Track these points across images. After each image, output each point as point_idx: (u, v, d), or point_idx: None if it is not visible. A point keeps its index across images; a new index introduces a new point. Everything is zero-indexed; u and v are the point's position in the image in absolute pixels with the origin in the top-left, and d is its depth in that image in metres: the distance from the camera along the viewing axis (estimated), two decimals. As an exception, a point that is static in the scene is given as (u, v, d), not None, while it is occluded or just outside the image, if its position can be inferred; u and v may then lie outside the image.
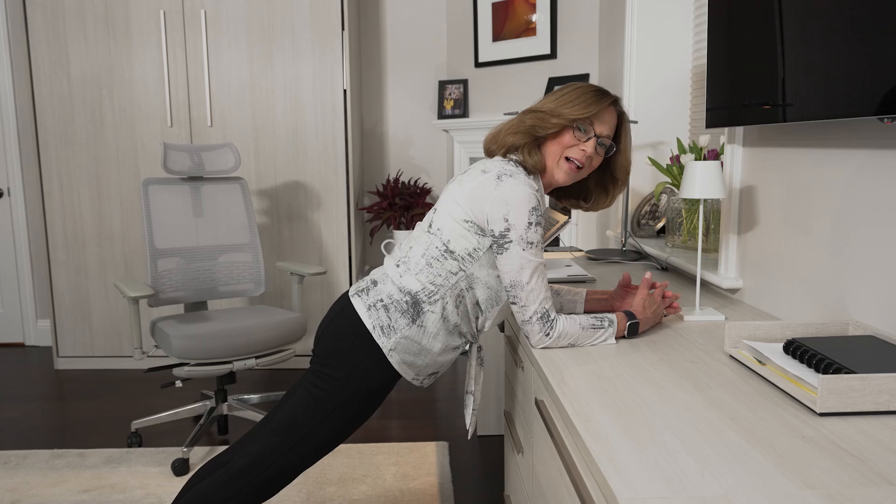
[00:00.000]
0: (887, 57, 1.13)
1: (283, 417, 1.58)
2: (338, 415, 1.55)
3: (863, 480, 0.86)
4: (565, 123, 1.48)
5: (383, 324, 1.51)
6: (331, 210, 3.76)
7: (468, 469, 2.64)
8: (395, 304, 1.51)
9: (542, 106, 1.51)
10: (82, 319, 3.80)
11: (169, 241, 2.91)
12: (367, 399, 1.56)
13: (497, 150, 1.55)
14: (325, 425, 1.55)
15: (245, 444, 1.62)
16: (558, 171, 1.51)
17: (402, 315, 1.50)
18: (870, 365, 1.13)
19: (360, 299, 1.54)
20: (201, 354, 2.60)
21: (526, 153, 1.50)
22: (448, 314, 1.51)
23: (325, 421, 1.55)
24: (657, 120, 2.88)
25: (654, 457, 0.93)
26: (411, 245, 1.55)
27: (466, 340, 1.59)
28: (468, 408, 1.67)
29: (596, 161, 1.54)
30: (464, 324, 1.54)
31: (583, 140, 1.50)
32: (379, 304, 1.52)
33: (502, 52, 3.79)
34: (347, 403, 1.54)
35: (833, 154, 1.44)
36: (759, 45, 1.52)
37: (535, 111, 1.51)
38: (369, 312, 1.52)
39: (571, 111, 1.47)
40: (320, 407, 1.55)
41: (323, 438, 1.57)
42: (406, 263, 1.53)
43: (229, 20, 3.61)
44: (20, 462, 2.69)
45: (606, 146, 1.53)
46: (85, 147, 3.67)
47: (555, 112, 1.49)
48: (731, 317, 1.68)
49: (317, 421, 1.55)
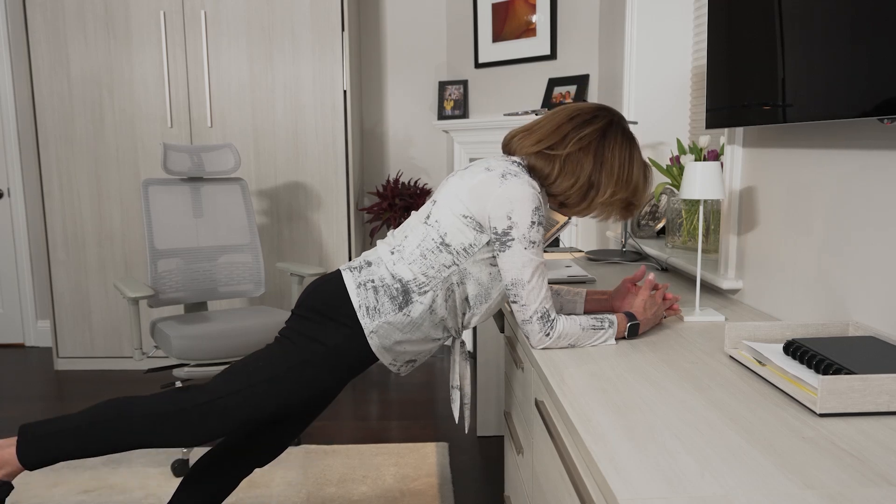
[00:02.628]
0: (887, 57, 1.13)
1: (251, 366, 1.55)
2: (303, 371, 1.53)
3: (863, 481, 0.86)
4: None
5: (370, 305, 1.51)
6: (331, 210, 3.76)
7: (468, 470, 2.64)
8: (385, 289, 1.51)
9: (616, 177, 1.49)
10: (82, 320, 3.80)
11: (169, 241, 2.91)
12: (335, 366, 1.54)
13: (522, 156, 1.53)
14: (287, 377, 1.53)
15: (211, 386, 1.59)
16: (553, 204, 1.55)
17: (391, 300, 1.50)
18: (870, 365, 1.13)
19: (350, 275, 1.54)
20: (201, 355, 2.60)
21: (543, 178, 1.51)
22: (436, 307, 1.51)
23: (288, 372, 1.53)
24: (657, 120, 2.88)
25: (654, 457, 0.93)
26: (406, 234, 1.54)
27: (449, 335, 1.59)
28: (455, 402, 1.67)
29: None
30: (450, 318, 1.54)
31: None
32: (369, 283, 1.52)
33: (502, 52, 3.80)
34: (314, 363, 1.53)
35: (833, 155, 1.44)
36: (760, 45, 1.52)
37: (614, 189, 1.49)
38: (358, 290, 1.52)
39: (642, 200, 1.53)
40: (287, 358, 1.53)
41: (281, 390, 1.53)
42: (400, 252, 1.52)
43: (229, 20, 3.61)
44: (20, 462, 2.69)
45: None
46: (85, 147, 3.67)
47: (631, 203, 1.52)
48: (731, 317, 1.68)
49: (280, 370, 1.53)
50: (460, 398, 1.68)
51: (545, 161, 1.48)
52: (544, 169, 1.48)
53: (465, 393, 1.67)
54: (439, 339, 1.58)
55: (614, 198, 1.49)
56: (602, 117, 1.50)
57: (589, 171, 1.47)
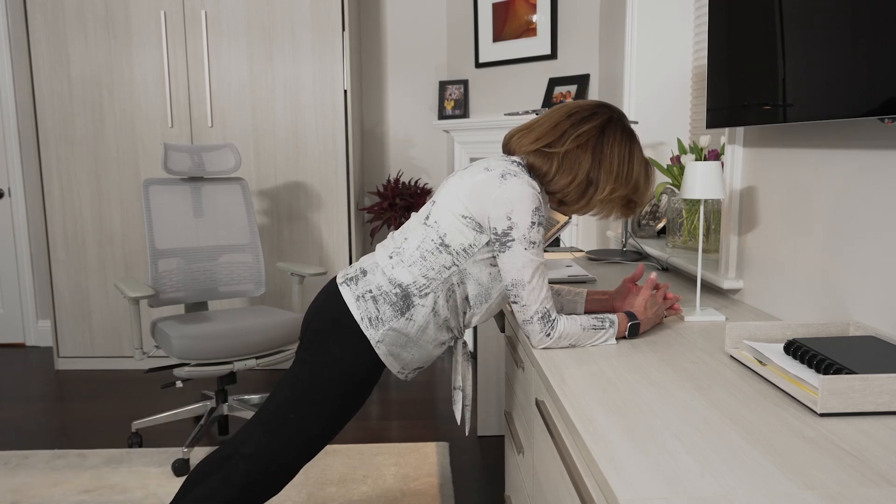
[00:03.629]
0: (888, 57, 1.13)
1: (273, 412, 1.57)
2: (325, 405, 1.54)
3: (863, 481, 0.86)
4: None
5: (371, 315, 1.51)
6: (331, 210, 3.76)
7: (469, 469, 2.64)
8: (385, 296, 1.50)
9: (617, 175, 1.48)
10: (83, 320, 3.80)
11: (169, 241, 2.91)
12: (352, 389, 1.55)
13: (521, 155, 1.53)
14: (313, 417, 1.55)
15: (239, 446, 1.62)
16: (552, 203, 1.55)
17: (391, 307, 1.50)
18: (870, 365, 1.13)
19: (348, 288, 1.54)
20: (202, 355, 2.60)
21: (541, 176, 1.50)
22: (439, 308, 1.50)
23: (312, 412, 1.54)
24: (657, 120, 2.88)
25: (655, 457, 0.93)
26: (406, 236, 1.53)
27: (453, 336, 1.59)
28: (457, 403, 1.67)
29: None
30: (452, 318, 1.54)
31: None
32: (368, 294, 1.51)
33: (503, 52, 3.79)
34: (333, 392, 1.54)
35: (834, 154, 1.44)
36: (760, 45, 1.52)
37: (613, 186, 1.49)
38: (357, 303, 1.51)
39: (643, 198, 1.53)
40: (306, 397, 1.54)
41: (312, 432, 1.56)
42: (400, 255, 1.52)
43: (229, 20, 3.61)
44: (21, 462, 2.69)
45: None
46: (85, 147, 3.67)
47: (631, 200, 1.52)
48: (731, 317, 1.68)
49: (304, 412, 1.54)
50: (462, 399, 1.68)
51: (543, 159, 1.48)
52: (542, 167, 1.48)
53: (465, 394, 1.67)
54: (445, 343, 1.58)
55: (614, 195, 1.49)
56: (601, 114, 1.49)
57: (587, 167, 1.46)
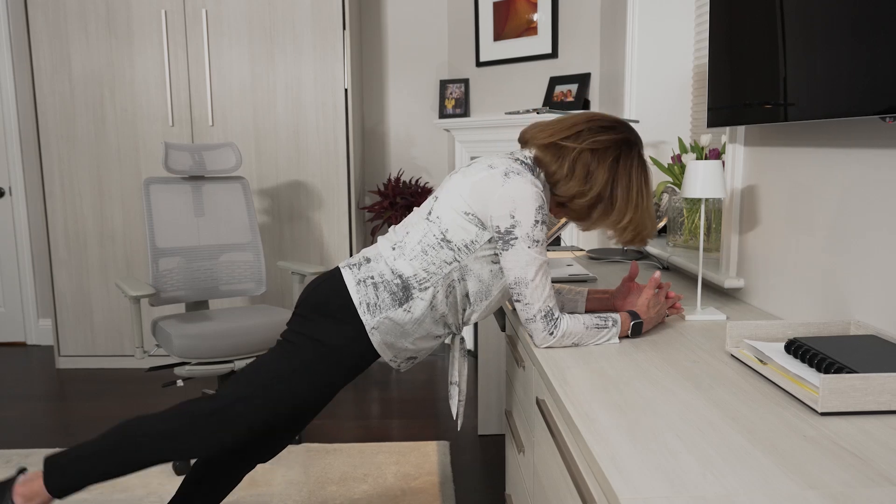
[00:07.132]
0: (889, 56, 1.12)
1: (256, 371, 1.57)
2: (309, 375, 1.54)
3: (864, 480, 0.86)
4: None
5: (370, 301, 1.51)
6: (332, 209, 3.76)
7: (469, 468, 2.64)
8: (385, 285, 1.51)
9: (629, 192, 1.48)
10: (84, 318, 3.80)
11: (170, 240, 2.91)
12: (338, 365, 1.55)
13: (533, 147, 1.52)
14: (292, 379, 1.54)
15: (218, 394, 1.60)
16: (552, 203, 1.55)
17: (391, 296, 1.51)
18: (871, 364, 1.13)
19: (350, 272, 1.55)
20: (202, 354, 2.60)
21: (549, 174, 1.49)
22: (437, 303, 1.51)
23: (292, 374, 1.54)
24: (658, 119, 2.88)
25: (656, 456, 0.93)
26: (408, 230, 1.54)
27: (450, 331, 1.59)
28: (453, 398, 1.68)
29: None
30: (451, 314, 1.54)
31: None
32: (369, 280, 1.52)
33: (503, 51, 3.79)
34: (319, 364, 1.54)
35: (835, 153, 1.44)
36: (761, 44, 1.52)
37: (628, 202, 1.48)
38: (358, 287, 1.52)
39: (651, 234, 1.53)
40: (291, 360, 1.54)
41: (287, 392, 1.55)
42: (401, 248, 1.53)
43: (231, 20, 3.61)
44: (22, 461, 2.69)
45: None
46: (86, 146, 3.68)
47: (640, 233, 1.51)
48: (732, 316, 1.68)
49: (284, 373, 1.54)
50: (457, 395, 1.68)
51: (554, 155, 1.46)
52: (551, 164, 1.47)
53: (461, 390, 1.68)
54: (440, 337, 1.59)
55: (623, 221, 1.48)
56: (620, 130, 1.48)
57: (602, 182, 1.45)
